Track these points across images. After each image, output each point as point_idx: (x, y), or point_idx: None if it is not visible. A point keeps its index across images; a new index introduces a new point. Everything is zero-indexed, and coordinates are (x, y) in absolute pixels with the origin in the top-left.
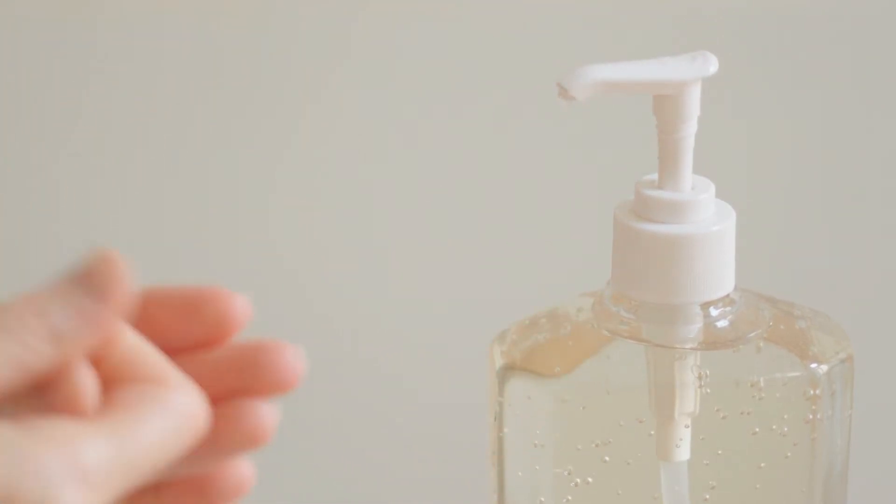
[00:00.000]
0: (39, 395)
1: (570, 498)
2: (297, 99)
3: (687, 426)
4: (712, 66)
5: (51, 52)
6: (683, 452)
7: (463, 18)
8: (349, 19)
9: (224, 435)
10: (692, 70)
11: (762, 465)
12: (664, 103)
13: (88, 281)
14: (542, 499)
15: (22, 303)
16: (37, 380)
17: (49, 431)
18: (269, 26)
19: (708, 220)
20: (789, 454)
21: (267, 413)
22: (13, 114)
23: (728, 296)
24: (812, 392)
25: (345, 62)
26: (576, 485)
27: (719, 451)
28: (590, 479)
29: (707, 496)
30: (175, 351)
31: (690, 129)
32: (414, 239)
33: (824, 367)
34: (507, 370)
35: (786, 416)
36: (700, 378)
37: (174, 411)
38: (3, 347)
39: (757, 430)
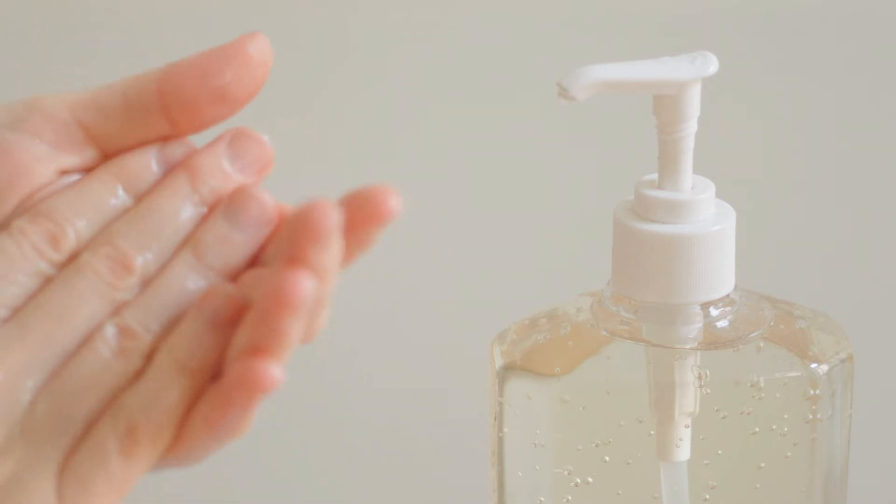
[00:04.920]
0: None
1: (570, 498)
2: (297, 98)
3: (687, 426)
4: (712, 66)
5: (50, 52)
6: (683, 452)
7: (463, 18)
8: (350, 18)
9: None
10: (692, 70)
11: (762, 465)
12: (664, 103)
13: None
14: (542, 499)
15: None
16: None
17: None
18: (269, 23)
19: (708, 220)
20: (789, 454)
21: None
22: None
23: (728, 296)
24: (812, 392)
25: (344, 62)
26: (576, 485)
27: (719, 451)
28: (590, 479)
29: (707, 496)
30: None
31: (690, 129)
32: (414, 239)
33: (824, 367)
34: (507, 370)
35: (786, 416)
36: (700, 378)
37: None
38: None
39: (757, 430)
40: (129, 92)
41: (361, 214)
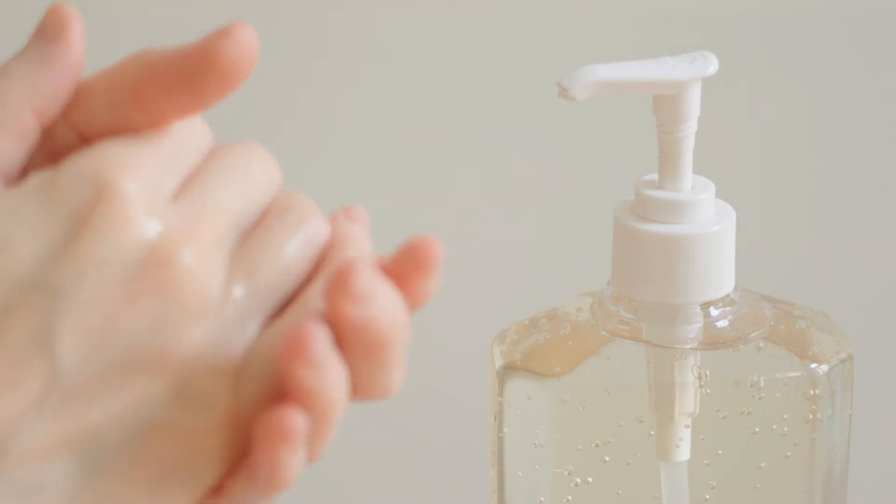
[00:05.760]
0: None
1: (570, 498)
2: (294, 96)
3: (687, 426)
4: (712, 66)
5: None
6: (683, 452)
7: (464, 18)
8: (349, 18)
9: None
10: (692, 70)
11: (762, 465)
12: (664, 103)
13: (42, 31)
14: (542, 499)
15: None
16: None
17: None
18: (268, 20)
19: (708, 220)
20: (789, 454)
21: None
22: None
23: (728, 296)
24: (812, 392)
25: (345, 61)
26: (576, 485)
27: (719, 451)
28: (590, 479)
29: (707, 496)
30: None
31: (690, 129)
32: None
33: (824, 367)
34: (507, 370)
35: (786, 416)
36: (700, 378)
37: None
38: None
39: (757, 430)
40: (112, 93)
41: (406, 268)
